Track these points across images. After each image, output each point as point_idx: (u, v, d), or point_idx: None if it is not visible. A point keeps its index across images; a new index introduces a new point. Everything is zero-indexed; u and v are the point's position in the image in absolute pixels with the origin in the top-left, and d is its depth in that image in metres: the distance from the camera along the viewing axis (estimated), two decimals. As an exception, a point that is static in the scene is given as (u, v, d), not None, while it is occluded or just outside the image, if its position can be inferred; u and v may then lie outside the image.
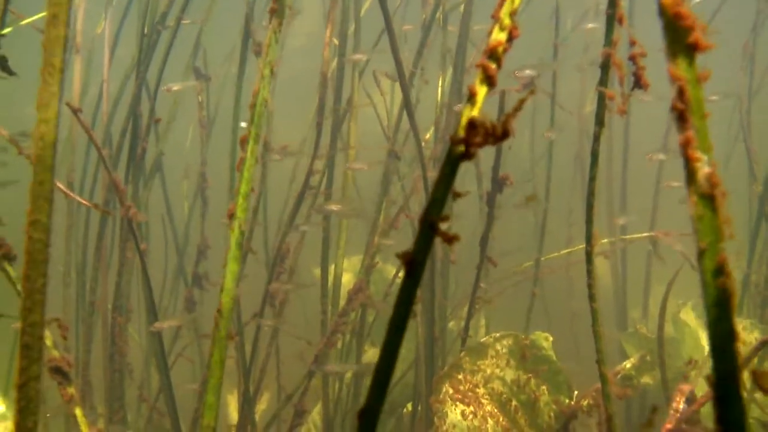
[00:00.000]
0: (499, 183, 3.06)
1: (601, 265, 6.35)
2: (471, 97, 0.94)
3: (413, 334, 4.42)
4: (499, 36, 0.96)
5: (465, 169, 4.87)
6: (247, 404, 3.73)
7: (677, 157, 4.53)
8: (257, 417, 4.43)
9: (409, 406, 4.60)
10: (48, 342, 2.54)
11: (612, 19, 1.72)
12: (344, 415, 4.27)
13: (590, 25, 5.74)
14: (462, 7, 3.88)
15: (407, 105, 3.09)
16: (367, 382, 4.81)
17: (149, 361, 4.89)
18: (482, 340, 2.98)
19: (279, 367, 4.30)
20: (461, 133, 0.91)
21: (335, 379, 3.99)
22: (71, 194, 2.48)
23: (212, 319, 4.73)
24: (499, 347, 2.93)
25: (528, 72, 3.82)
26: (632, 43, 1.77)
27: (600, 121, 1.75)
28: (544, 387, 2.89)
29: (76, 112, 2.57)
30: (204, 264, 4.71)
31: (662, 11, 0.91)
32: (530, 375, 2.87)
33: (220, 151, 5.32)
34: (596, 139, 1.73)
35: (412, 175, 4.75)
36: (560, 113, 4.79)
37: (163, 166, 4.53)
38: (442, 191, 0.92)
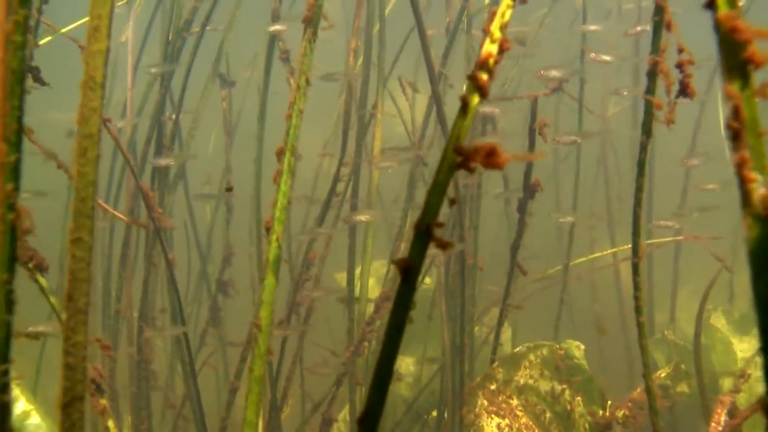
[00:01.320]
0: (530, 189, 3.01)
1: (624, 268, 6.28)
2: (463, 107, 0.95)
3: (438, 342, 4.39)
4: (490, 48, 0.97)
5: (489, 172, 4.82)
6: (274, 411, 3.71)
7: (709, 161, 4.46)
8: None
9: (434, 412, 4.56)
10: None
11: (659, 25, 1.68)
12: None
13: (592, 27, 5.62)
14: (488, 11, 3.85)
15: (438, 107, 3.05)
16: (395, 388, 4.78)
17: (174, 368, 4.88)
18: (516, 350, 2.94)
19: (303, 374, 4.28)
20: (454, 143, 0.92)
21: (362, 386, 3.96)
22: (108, 208, 2.46)
23: (235, 326, 4.70)
24: (533, 357, 2.89)
25: (554, 73, 3.77)
26: (680, 51, 1.72)
27: (647, 131, 1.70)
28: (578, 398, 2.85)
29: (105, 122, 2.55)
30: (228, 271, 4.70)
31: (717, 26, 0.87)
32: (565, 386, 2.82)
33: (243, 158, 5.31)
34: (643, 149, 1.69)
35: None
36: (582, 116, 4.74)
37: (186, 173, 4.52)
38: (436, 198, 0.93)
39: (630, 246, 5.06)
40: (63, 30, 2.83)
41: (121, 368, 4.29)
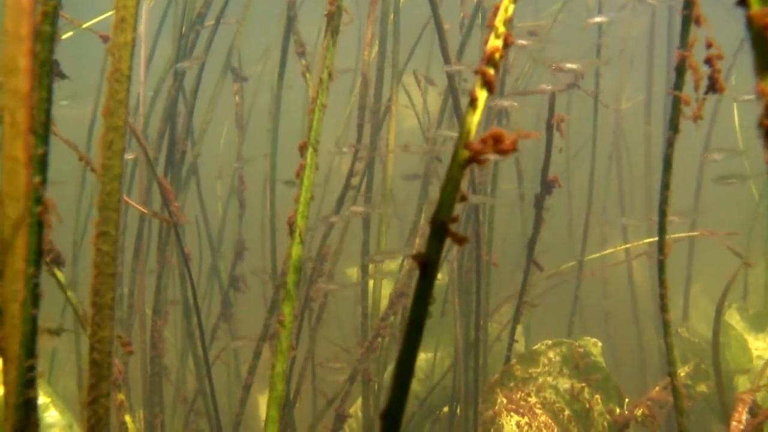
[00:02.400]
0: (548, 185, 2.99)
1: (636, 264, 6.24)
2: (472, 102, 0.96)
3: (451, 339, 4.37)
4: (495, 43, 0.98)
5: (503, 165, 4.79)
6: (287, 407, 3.70)
7: (731, 158, 4.42)
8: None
9: (446, 408, 4.55)
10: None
11: (688, 20, 1.65)
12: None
13: (597, 19, 5.54)
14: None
15: (455, 101, 3.03)
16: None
17: (185, 362, 4.87)
18: (534, 347, 2.92)
19: (314, 370, 4.27)
20: (465, 138, 0.94)
21: (375, 381, 3.94)
22: (131, 202, 2.45)
23: (247, 321, 4.69)
24: (552, 355, 2.87)
25: (570, 66, 3.73)
26: (709, 45, 1.69)
27: (674, 127, 1.67)
28: (597, 396, 2.82)
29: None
30: (240, 265, 4.69)
31: (750, 23, 0.84)
32: (584, 384, 2.80)
33: (254, 152, 5.29)
34: (670, 144, 1.66)
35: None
36: (591, 109, 4.70)
37: (198, 167, 4.50)
38: (450, 193, 0.94)
39: (643, 242, 5.03)
40: (85, 25, 2.81)
41: (133, 361, 4.29)
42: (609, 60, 4.00)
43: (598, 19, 5.48)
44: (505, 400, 2.65)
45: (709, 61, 1.70)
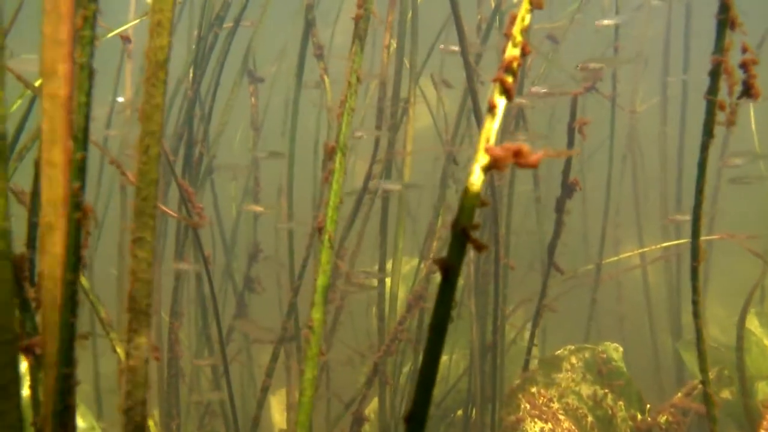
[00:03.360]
0: (568, 188, 2.97)
1: (651, 269, 6.20)
2: (491, 109, 0.99)
3: (466, 341, 4.34)
4: (513, 52, 1.00)
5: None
6: (303, 411, 3.68)
7: (750, 162, 4.39)
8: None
9: (459, 412, 4.53)
10: (118, 350, 2.52)
11: (723, 24, 1.63)
12: (397, 420, 4.21)
13: (606, 22, 5.49)
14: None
15: (474, 103, 3.01)
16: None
17: (199, 364, 4.87)
18: (557, 352, 2.90)
19: (329, 373, 4.26)
20: (484, 144, 0.96)
21: (392, 384, 3.93)
22: (163, 207, 2.44)
23: (264, 323, 4.67)
24: (574, 360, 2.85)
25: (593, 65, 3.71)
26: (744, 50, 1.67)
27: (709, 132, 1.66)
28: (620, 402, 2.80)
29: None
30: (254, 267, 4.68)
31: None
32: (607, 390, 2.77)
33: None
34: (705, 148, 1.64)
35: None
36: (606, 111, 4.68)
37: (213, 168, 4.50)
38: (471, 199, 0.97)
39: (659, 246, 4.99)
40: (117, 30, 2.81)
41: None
42: (630, 59, 3.97)
43: (608, 22, 5.43)
44: (528, 406, 2.63)
45: (744, 66, 1.68)
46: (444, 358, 4.87)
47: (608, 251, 5.33)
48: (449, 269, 0.99)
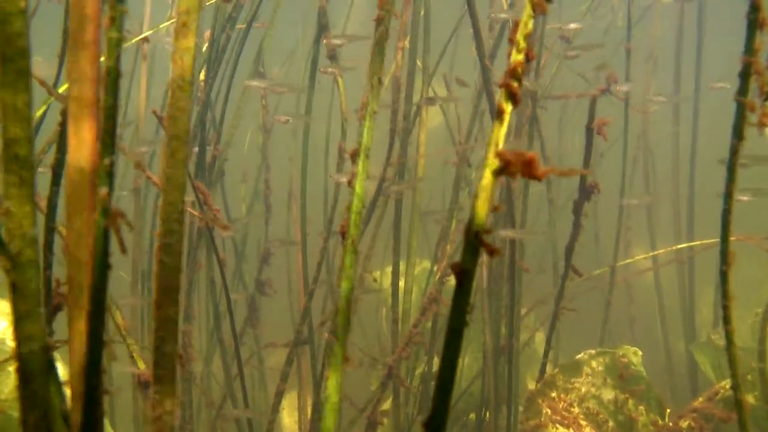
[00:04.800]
0: (586, 190, 2.94)
1: (663, 271, 6.14)
2: (499, 114, 1.00)
3: (478, 344, 4.31)
4: (517, 57, 1.01)
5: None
6: (316, 413, 3.66)
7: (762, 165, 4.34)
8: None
9: (472, 415, 4.50)
10: (134, 353, 2.49)
11: (754, 24, 1.60)
12: (410, 423, 4.18)
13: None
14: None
15: (491, 104, 2.98)
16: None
17: (209, 367, 4.85)
18: (576, 357, 2.86)
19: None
20: (493, 148, 0.97)
21: (406, 388, 3.90)
22: (190, 209, 2.42)
23: (273, 326, 4.64)
24: (595, 364, 2.81)
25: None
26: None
27: (739, 134, 1.62)
28: (641, 407, 2.77)
29: (162, 120, 2.51)
30: (266, 270, 4.65)
31: None
32: (628, 395, 2.74)
33: (278, 154, 5.27)
34: (734, 152, 1.61)
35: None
36: (616, 112, 4.64)
37: (225, 171, 4.48)
38: (483, 204, 0.97)
39: (672, 248, 4.95)
40: (143, 34, 2.78)
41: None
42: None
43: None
44: (549, 411, 2.60)
45: (776, 67, 1.65)
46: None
47: (619, 253, 5.29)
48: (464, 274, 1.00)
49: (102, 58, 1.17)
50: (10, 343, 2.74)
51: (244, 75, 4.56)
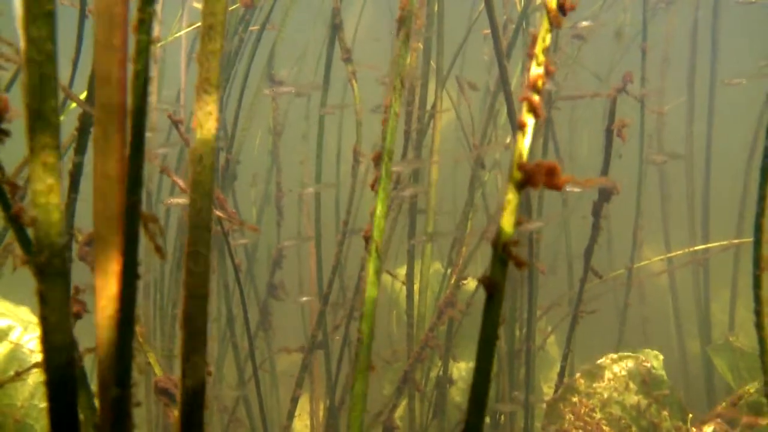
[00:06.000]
0: (606, 192, 2.90)
1: (678, 273, 6.09)
2: (521, 127, 1.01)
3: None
4: (537, 71, 1.03)
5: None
6: (332, 419, 3.63)
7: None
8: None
9: (487, 418, 4.46)
10: (151, 360, 2.47)
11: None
12: (425, 427, 4.15)
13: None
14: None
15: (509, 105, 2.95)
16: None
17: (220, 370, 4.83)
18: (598, 361, 2.83)
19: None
20: (517, 161, 0.98)
21: (421, 394, 3.87)
22: (220, 213, 2.39)
23: (283, 330, 4.61)
24: (617, 369, 2.77)
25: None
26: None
27: (775, 134, 1.59)
28: (665, 412, 2.72)
29: (176, 123, 2.49)
30: (278, 273, 4.63)
31: None
32: (651, 400, 2.70)
33: (288, 157, 5.24)
34: (769, 153, 1.57)
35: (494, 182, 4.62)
36: (630, 110, 4.60)
37: (236, 174, 4.46)
38: (509, 216, 0.99)
39: (687, 249, 4.90)
40: (169, 38, 2.76)
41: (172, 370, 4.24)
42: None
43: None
44: (572, 417, 2.57)
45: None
46: (470, 365, 4.80)
47: (629, 252, 5.24)
48: (494, 287, 1.01)
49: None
50: (26, 350, 2.72)
51: (255, 77, 4.54)
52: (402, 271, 4.66)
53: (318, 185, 3.55)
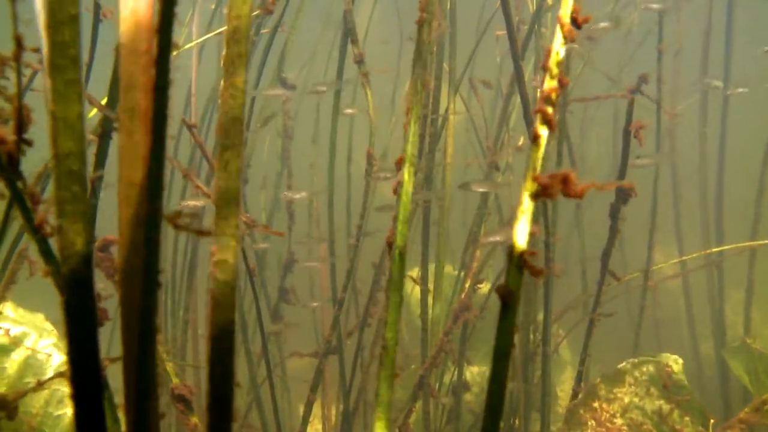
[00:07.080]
0: (624, 194, 2.87)
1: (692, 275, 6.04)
2: (535, 139, 1.02)
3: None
4: (551, 84, 1.03)
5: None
6: (346, 424, 3.61)
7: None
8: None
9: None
10: (168, 369, 2.45)
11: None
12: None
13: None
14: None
15: (525, 109, 2.92)
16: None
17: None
18: (619, 366, 2.79)
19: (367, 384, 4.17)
20: (532, 172, 0.99)
21: (436, 398, 3.84)
22: (246, 219, 2.36)
23: (294, 334, 4.58)
24: (638, 374, 2.74)
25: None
26: None
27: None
28: (687, 418, 2.69)
29: (191, 127, 2.46)
30: (289, 277, 4.61)
31: None
32: (673, 405, 2.66)
33: (299, 161, 5.21)
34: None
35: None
36: (643, 112, 4.56)
37: (248, 178, 4.44)
38: (525, 226, 0.98)
39: (703, 252, 4.85)
40: (187, 45, 2.74)
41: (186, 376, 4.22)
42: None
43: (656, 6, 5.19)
44: (594, 422, 2.53)
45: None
46: (483, 368, 4.76)
47: (643, 255, 5.19)
48: (509, 296, 1.01)
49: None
50: (41, 356, 2.71)
51: (266, 79, 4.51)
52: (413, 274, 4.64)
53: (322, 189, 3.51)
